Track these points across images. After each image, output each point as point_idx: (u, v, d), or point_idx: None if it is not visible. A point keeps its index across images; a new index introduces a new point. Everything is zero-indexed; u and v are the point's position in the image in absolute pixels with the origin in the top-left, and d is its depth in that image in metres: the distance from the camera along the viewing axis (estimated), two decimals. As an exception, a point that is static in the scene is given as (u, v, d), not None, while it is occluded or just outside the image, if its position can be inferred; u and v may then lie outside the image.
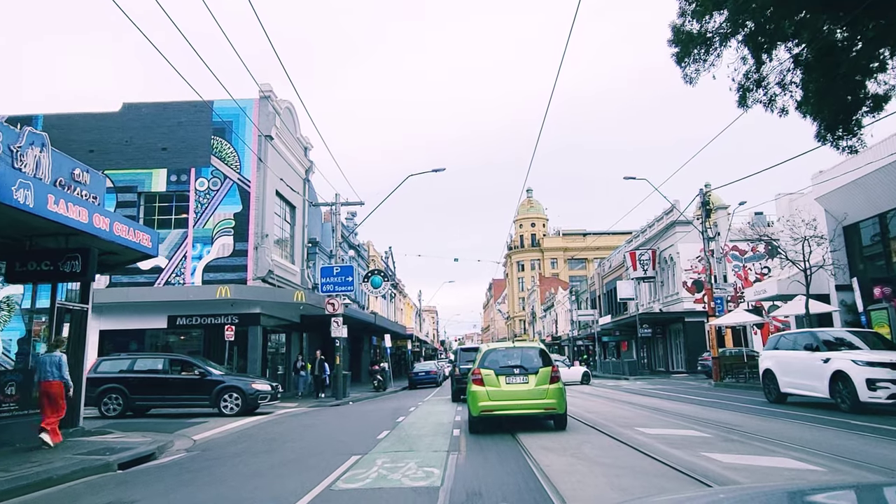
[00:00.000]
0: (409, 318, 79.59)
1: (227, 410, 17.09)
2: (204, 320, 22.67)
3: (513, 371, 11.17)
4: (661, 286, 43.45)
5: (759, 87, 12.36)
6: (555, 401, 10.98)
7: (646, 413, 13.98)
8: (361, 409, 19.12)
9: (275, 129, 24.46)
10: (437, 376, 36.90)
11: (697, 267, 39.86)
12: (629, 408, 15.57)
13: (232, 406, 17.19)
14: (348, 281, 25.26)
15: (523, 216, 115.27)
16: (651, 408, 15.33)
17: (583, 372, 33.33)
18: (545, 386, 11.02)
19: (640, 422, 12.09)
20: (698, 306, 39.28)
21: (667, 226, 41.29)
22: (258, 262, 23.24)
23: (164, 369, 18.14)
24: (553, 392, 11.01)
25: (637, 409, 15.23)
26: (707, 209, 27.49)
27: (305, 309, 26.11)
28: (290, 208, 28.00)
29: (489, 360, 11.53)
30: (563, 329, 77.00)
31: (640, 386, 27.23)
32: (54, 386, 9.99)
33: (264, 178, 23.84)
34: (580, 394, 22.69)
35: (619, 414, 13.93)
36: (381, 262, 54.84)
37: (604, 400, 18.82)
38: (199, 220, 23.56)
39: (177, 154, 24.01)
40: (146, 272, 23.12)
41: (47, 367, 10.03)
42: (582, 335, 60.73)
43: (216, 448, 10.81)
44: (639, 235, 48.19)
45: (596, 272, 63.21)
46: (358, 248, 44.15)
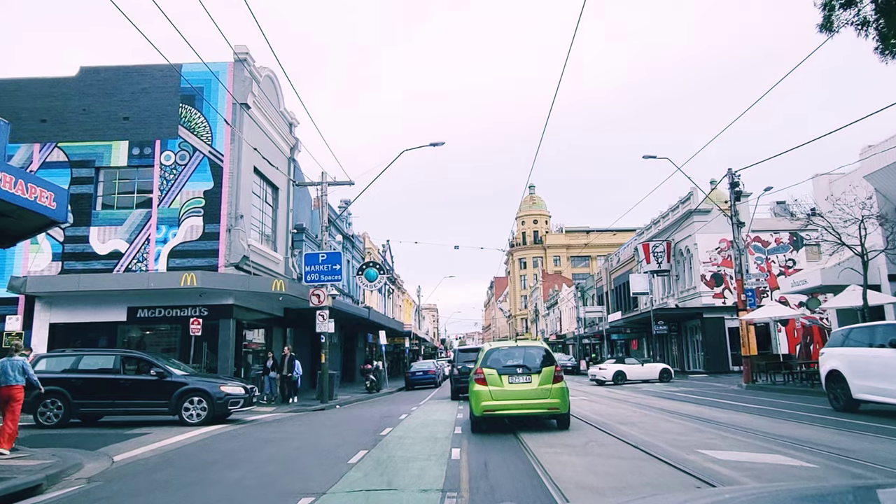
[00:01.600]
0: (408, 315, 76.74)
1: (191, 418, 14.23)
2: (168, 313, 19.86)
3: (515, 371, 10.99)
4: (676, 280, 40.59)
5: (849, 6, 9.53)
6: (558, 400, 10.83)
7: (694, 426, 11.12)
8: (346, 416, 16.29)
9: (252, 97, 21.62)
10: (435, 376, 34.08)
11: (717, 259, 37.06)
12: (669, 417, 12.73)
13: (196, 413, 14.33)
14: (336, 270, 22.45)
15: (525, 212, 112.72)
16: (696, 417, 12.48)
17: (661, 369, 30.30)
18: (548, 385, 10.87)
19: (696, 440, 9.25)
20: (717, 301, 36.49)
21: (683, 215, 38.42)
22: (231, 247, 20.41)
23: (114, 368, 15.24)
24: (556, 392, 10.87)
25: (680, 419, 12.38)
26: (736, 192, 24.62)
27: (288, 301, 23.29)
28: (273, 189, 25.16)
29: (492, 359, 11.31)
30: (568, 327, 74.13)
31: (662, 388, 24.39)
32: (14, 390, 9.58)
33: (239, 152, 21.00)
34: (602, 398, 19.83)
35: (662, 427, 11.08)
36: (378, 256, 52.01)
37: (632, 407, 15.96)
38: (165, 198, 20.73)
39: (140, 124, 21.18)
40: (103, 257, 20.31)
41: (8, 372, 9.60)
42: (589, 333, 57.89)
43: (129, 476, 8.00)
44: (651, 227, 45.32)
45: (603, 267, 60.35)
46: (352, 239, 41.33)
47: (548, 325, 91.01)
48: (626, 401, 18.03)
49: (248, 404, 15.29)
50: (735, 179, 24.64)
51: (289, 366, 21.32)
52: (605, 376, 29.52)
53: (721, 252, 37.07)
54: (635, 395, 20.32)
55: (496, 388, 10.83)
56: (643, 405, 16.05)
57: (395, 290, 64.90)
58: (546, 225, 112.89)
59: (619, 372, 29.61)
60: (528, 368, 11.04)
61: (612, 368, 29.89)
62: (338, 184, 23.65)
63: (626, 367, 30.10)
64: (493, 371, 11.01)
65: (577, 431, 10.70)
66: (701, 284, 36.80)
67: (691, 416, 12.70)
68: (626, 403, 16.95)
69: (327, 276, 22.37)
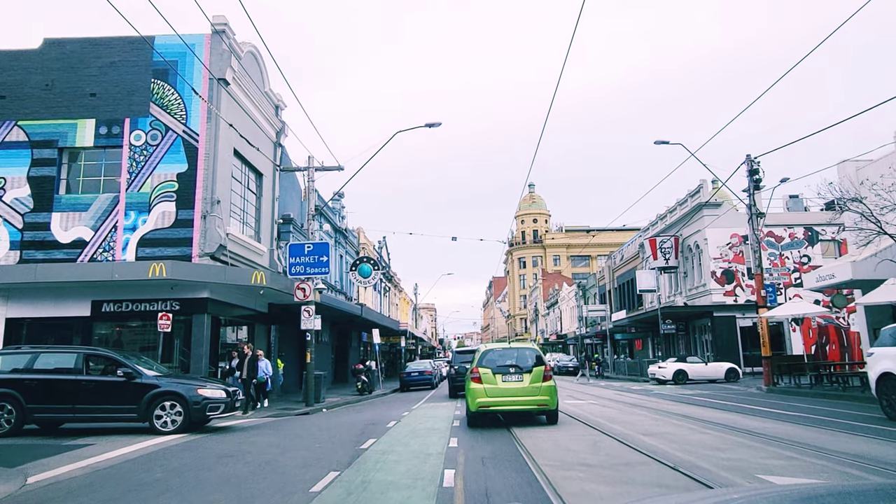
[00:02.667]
0: (405, 314, 74.94)
1: (164, 426, 12.40)
2: (137, 307, 18.06)
3: (508, 370, 11.78)
4: (684, 277, 38.83)
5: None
6: (547, 397, 11.64)
7: (735, 438, 9.35)
8: (328, 423, 14.50)
9: (231, 73, 19.82)
10: (432, 377, 32.30)
11: (728, 255, 35.30)
12: (699, 427, 10.94)
13: (170, 419, 12.49)
14: (323, 262, 20.65)
15: (525, 211, 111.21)
16: (729, 427, 10.70)
17: (727, 368, 28.63)
18: (538, 384, 11.66)
19: (746, 459, 7.47)
20: (728, 299, 34.75)
21: (692, 209, 36.65)
22: (207, 235, 18.61)
23: (76, 368, 13.36)
24: (546, 389, 11.66)
25: (711, 429, 10.60)
26: (756, 180, 22.86)
27: (272, 296, 21.52)
28: (256, 175, 23.37)
29: (487, 359, 12.10)
30: (569, 327, 72.38)
31: (676, 391, 22.61)
32: None
33: (216, 131, 19.20)
34: (613, 402, 18.03)
35: (695, 440, 9.30)
36: (374, 252, 50.21)
37: (648, 413, 14.18)
38: (135, 181, 18.92)
39: (108, 101, 19.37)
40: (66, 246, 18.50)
41: None
42: (591, 332, 56.11)
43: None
44: (657, 222, 43.55)
45: (606, 265, 58.58)
46: (345, 233, 39.52)
47: (548, 324, 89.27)
48: (639, 405, 16.25)
49: (229, 410, 13.40)
50: (754, 166, 22.89)
51: (250, 367, 18.37)
52: (665, 375, 27.89)
53: (732, 248, 35.33)
54: (647, 400, 18.54)
55: (490, 385, 11.70)
56: (662, 411, 14.27)
57: (391, 287, 63.10)
58: (546, 224, 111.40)
59: (680, 371, 28.13)
60: (520, 368, 11.82)
61: (673, 367, 28.33)
62: (326, 169, 21.86)
63: (688, 366, 28.62)
64: (488, 370, 11.83)
65: (601, 451, 8.92)
66: (711, 281, 35.04)
67: (723, 425, 10.92)
68: (641, 409, 15.17)
69: (313, 269, 20.59)
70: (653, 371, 29.92)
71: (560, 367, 50.90)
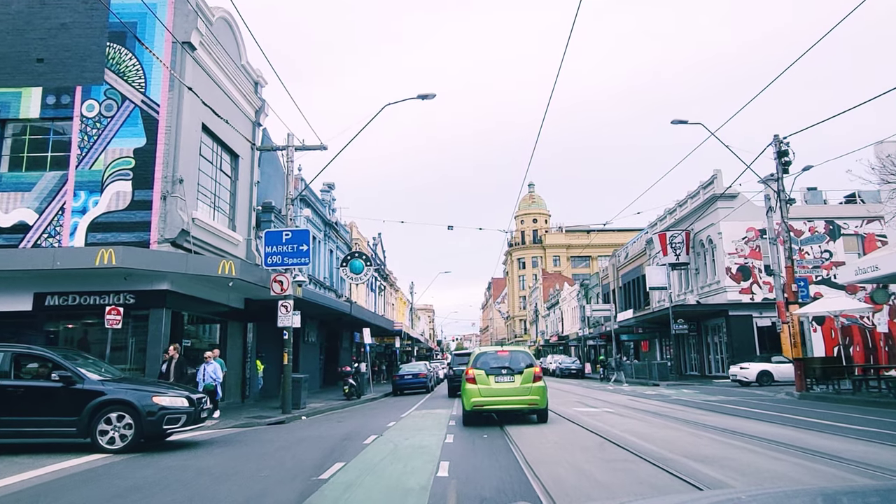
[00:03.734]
0: (402, 314, 72.60)
1: (109, 442, 10.10)
2: (85, 300, 15.72)
3: (501, 371, 12.47)
4: (695, 274, 36.55)
5: None
6: (538, 397, 12.40)
7: (823, 468, 7.04)
8: (297, 436, 12.19)
9: (198, 37, 17.53)
10: (426, 380, 29.98)
11: (744, 250, 33.05)
12: (758, 447, 8.64)
13: (118, 434, 10.15)
14: (302, 251, 18.38)
15: (524, 211, 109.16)
16: (802, 449, 8.40)
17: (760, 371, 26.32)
18: (529, 384, 12.39)
19: None
20: (745, 297, 32.49)
21: (705, 202, 34.37)
22: (167, 218, 16.29)
23: (2, 371, 11.12)
24: (536, 389, 12.41)
25: (777, 450, 8.30)
26: (784, 163, 20.60)
27: (248, 289, 19.22)
28: (232, 157, 21.07)
29: (480, 361, 12.77)
30: (571, 328, 70.10)
31: (695, 397, 20.30)
32: None
33: (179, 101, 16.89)
34: (632, 411, 15.69)
35: (768, 468, 6.98)
36: (368, 249, 47.89)
37: (683, 427, 11.86)
38: (86, 157, 16.61)
39: (57, 67, 17.07)
40: (6, 230, 16.18)
41: None
42: (594, 333, 53.78)
43: None
44: (666, 217, 41.27)
45: (610, 263, 56.31)
46: (336, 227, 37.20)
47: (548, 325, 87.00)
48: (665, 415, 13.94)
49: (193, 422, 10.97)
50: (783, 147, 20.63)
51: (177, 372, 14.27)
52: (748, 376, 25.68)
53: (749, 242, 33.08)
54: (670, 408, 16.23)
55: (484, 386, 12.39)
56: (698, 424, 11.96)
57: (386, 287, 60.78)
58: (546, 224, 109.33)
59: (765, 372, 26.04)
60: (512, 369, 12.48)
61: (756, 368, 26.00)
62: (308, 148, 19.55)
63: (773, 367, 26.45)
64: (482, 372, 12.52)
65: (646, 482, 6.61)
66: (726, 278, 32.76)
67: (789, 446, 8.63)
68: (671, 421, 12.85)
69: (292, 259, 18.33)
70: (734, 372, 27.45)
71: (563, 369, 48.59)
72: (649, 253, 44.53)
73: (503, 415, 13.22)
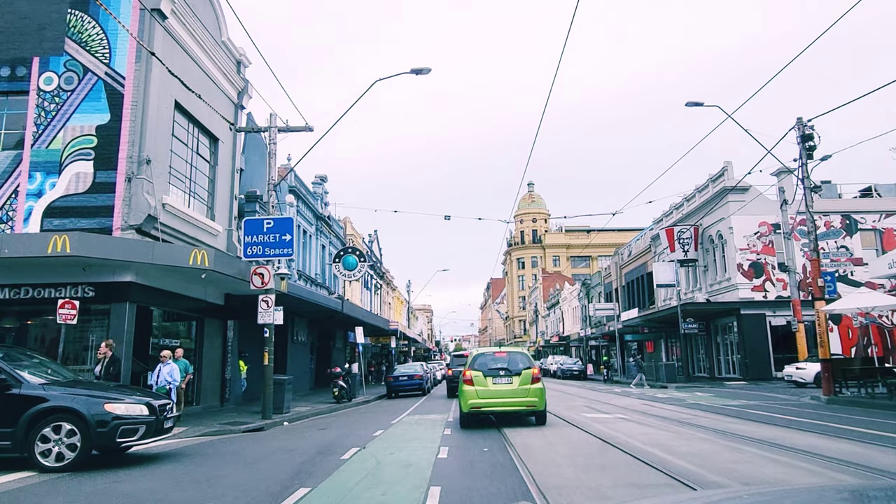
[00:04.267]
0: (399, 314, 71.01)
1: (53, 457, 8.54)
2: (39, 293, 14.12)
3: (499, 373, 12.34)
4: (704, 271, 34.97)
5: None
6: (536, 399, 12.20)
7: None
8: (266, 449, 10.58)
9: (169, 4, 15.92)
10: (422, 381, 28.39)
11: (756, 245, 31.49)
12: (817, 466, 7.04)
13: (61, 449, 8.57)
14: (286, 241, 16.79)
15: (524, 211, 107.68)
16: (873, 468, 6.80)
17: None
18: (527, 386, 12.22)
19: None
20: (757, 295, 30.93)
21: (715, 195, 32.79)
22: (132, 202, 14.69)
23: None
24: (534, 391, 12.22)
25: (840, 468, 6.70)
26: (809, 147, 19.03)
27: (228, 284, 17.65)
28: (211, 140, 19.47)
29: (478, 362, 12.69)
30: (572, 328, 68.56)
31: (712, 400, 18.70)
32: None
33: (147, 74, 15.30)
34: (650, 418, 14.09)
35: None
36: (363, 245, 46.30)
37: (712, 437, 10.27)
38: (43, 135, 15.00)
39: (13, 36, 15.46)
40: (-48, 216, 14.57)
41: None
42: (596, 334, 52.18)
43: None
44: (672, 212, 39.71)
45: (613, 261, 54.74)
46: (328, 221, 35.59)
47: (548, 326, 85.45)
48: (689, 423, 12.35)
49: (156, 432, 9.28)
50: (807, 130, 19.07)
51: (106, 370, 12.46)
52: (805, 377, 23.78)
53: (761, 237, 31.51)
54: (691, 414, 14.65)
55: (482, 387, 12.24)
56: (728, 434, 10.36)
57: (383, 285, 59.18)
58: (545, 224, 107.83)
59: None
60: (510, 371, 12.32)
61: (814, 368, 24.14)
62: (292, 129, 17.97)
63: None
64: (479, 373, 12.36)
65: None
66: (737, 275, 31.19)
67: (837, 460, 7.05)
68: (697, 430, 11.26)
69: (274, 250, 16.75)
70: (789, 372, 25.59)
71: (564, 370, 47.02)
72: (654, 250, 42.97)
73: (502, 418, 12.98)
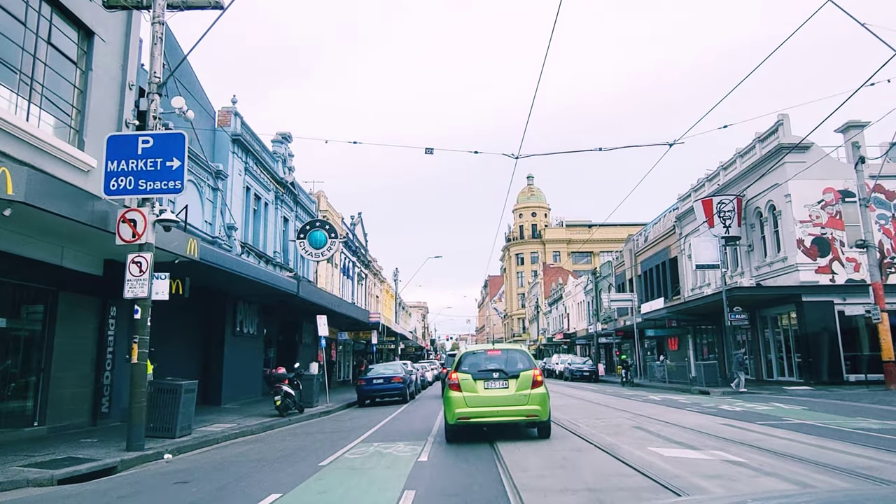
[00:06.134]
0: (389, 308, 64.77)
1: None
2: None
3: (491, 375, 10.38)
4: (748, 252, 28.84)
5: None
6: (538, 407, 10.15)
7: None
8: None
9: None
10: (403, 385, 22.26)
11: (820, 217, 25.38)
12: None
13: None
14: (170, 170, 10.82)
15: (523, 205, 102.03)
16: None
17: None
18: (526, 391, 10.18)
19: None
20: (822, 278, 24.82)
21: (764, 157, 26.66)
22: None
23: None
24: (535, 398, 10.18)
25: None
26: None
27: (102, 246, 11.47)
28: (80, 33, 13.20)
29: (467, 363, 10.73)
30: (577, 324, 62.49)
31: (819, 418, 12.50)
32: None
33: None
34: (783, 460, 7.88)
35: None
36: (343, 227, 40.05)
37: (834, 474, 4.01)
38: None
39: None
40: None
41: None
42: (608, 329, 46.05)
43: None
44: (703, 185, 33.57)
45: (626, 248, 48.61)
46: (292, 189, 29.28)
47: (550, 323, 79.41)
48: (785, 454, 6.23)
49: None
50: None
51: None
52: None
53: (826, 206, 25.41)
54: (812, 444, 8.50)
55: (471, 394, 10.29)
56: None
57: (368, 275, 52.93)
58: (545, 218, 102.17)
59: None
60: (505, 373, 10.38)
61: None
62: (190, 5, 11.78)
63: None
64: (468, 376, 10.42)
65: None
66: (797, 253, 25.06)
67: None
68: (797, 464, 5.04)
69: (152, 182, 10.76)
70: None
71: (573, 371, 40.93)
72: (679, 231, 36.87)
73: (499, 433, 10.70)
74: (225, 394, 19.69)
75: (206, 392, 19.79)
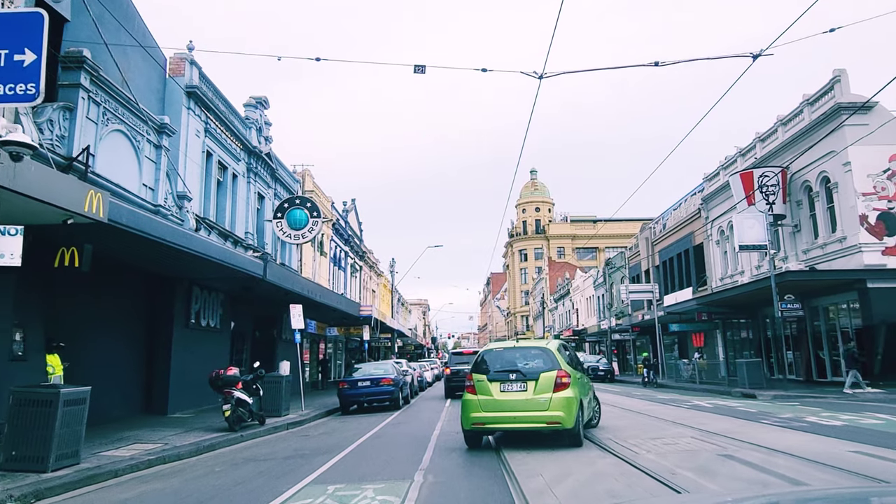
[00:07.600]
0: (387, 304, 61.02)
1: None
2: None
3: (508, 376, 9.23)
4: (794, 232, 25.04)
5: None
6: (561, 413, 8.80)
7: None
8: None
9: None
10: (393, 388, 18.52)
11: (887, 189, 21.59)
12: None
13: None
14: (19, 66, 7.06)
15: (527, 200, 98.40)
16: None
17: None
18: (547, 395, 8.89)
19: None
20: (892, 260, 21.03)
21: (817, 121, 22.88)
22: None
23: None
24: (558, 403, 8.85)
25: None
26: None
27: None
28: None
29: (483, 362, 9.71)
30: (587, 320, 58.70)
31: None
32: None
33: None
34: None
35: None
36: (332, 212, 36.30)
37: None
38: None
39: None
40: None
41: None
42: (624, 325, 42.28)
43: None
44: (736, 160, 29.77)
45: (642, 237, 44.80)
46: (269, 161, 25.48)
47: (556, 319, 75.67)
48: None
49: None
50: None
51: None
52: None
53: (894, 176, 21.64)
54: None
55: (485, 397, 9.13)
56: None
57: (363, 267, 49.19)
58: (549, 213, 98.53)
59: None
60: (523, 374, 9.18)
61: None
62: None
63: None
64: (483, 377, 9.31)
65: None
66: (860, 232, 21.28)
67: None
68: None
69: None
70: None
71: (589, 369, 37.15)
72: (706, 215, 33.11)
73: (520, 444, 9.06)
74: (173, 401, 15.96)
75: (149, 398, 16.09)
